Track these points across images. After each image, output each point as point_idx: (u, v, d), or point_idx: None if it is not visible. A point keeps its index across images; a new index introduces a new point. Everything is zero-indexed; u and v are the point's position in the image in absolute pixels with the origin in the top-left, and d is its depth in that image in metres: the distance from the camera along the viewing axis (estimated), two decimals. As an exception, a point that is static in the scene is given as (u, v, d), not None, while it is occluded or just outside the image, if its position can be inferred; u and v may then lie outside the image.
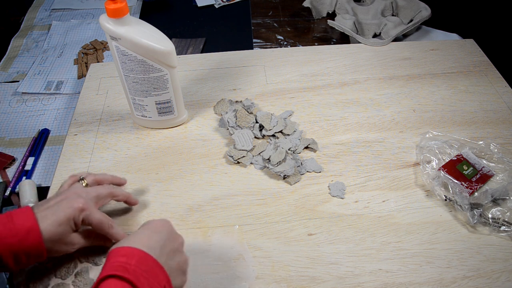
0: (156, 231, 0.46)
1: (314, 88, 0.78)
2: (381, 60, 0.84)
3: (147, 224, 0.47)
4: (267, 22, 1.01)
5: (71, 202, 0.48)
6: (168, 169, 0.65)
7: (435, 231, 0.57)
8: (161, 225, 0.47)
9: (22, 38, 0.96)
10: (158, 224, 0.47)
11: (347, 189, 0.62)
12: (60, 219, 0.46)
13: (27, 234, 0.44)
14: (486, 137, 0.68)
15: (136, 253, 0.42)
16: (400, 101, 0.75)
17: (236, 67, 0.83)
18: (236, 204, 0.60)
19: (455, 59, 0.84)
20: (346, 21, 0.89)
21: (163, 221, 0.48)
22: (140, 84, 0.63)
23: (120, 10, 0.56)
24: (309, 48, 0.88)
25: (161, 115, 0.68)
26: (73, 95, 0.81)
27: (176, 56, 0.61)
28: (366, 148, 0.67)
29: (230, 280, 0.52)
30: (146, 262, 0.42)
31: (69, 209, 0.47)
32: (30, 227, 0.44)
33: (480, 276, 0.52)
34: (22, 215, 0.45)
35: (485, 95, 0.76)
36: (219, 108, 0.74)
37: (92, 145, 0.68)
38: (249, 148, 0.66)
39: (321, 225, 0.57)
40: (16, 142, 0.73)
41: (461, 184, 0.60)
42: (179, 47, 0.92)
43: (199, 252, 0.54)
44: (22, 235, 0.43)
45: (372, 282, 0.51)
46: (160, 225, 0.47)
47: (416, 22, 0.90)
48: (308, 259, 0.54)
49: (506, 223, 0.56)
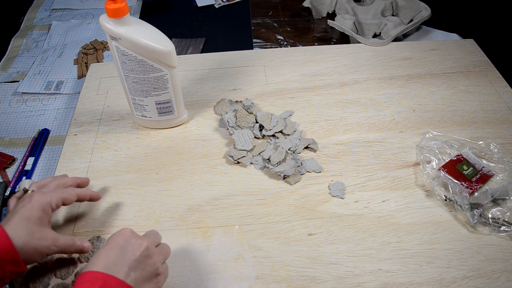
0: (114, 245, 0.44)
1: (314, 88, 0.78)
2: (381, 60, 0.84)
3: (107, 241, 0.45)
4: (267, 22, 1.01)
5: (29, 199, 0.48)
6: (168, 169, 0.65)
7: (435, 231, 0.57)
8: (119, 237, 0.45)
9: (22, 38, 0.96)
10: (116, 238, 0.45)
11: (347, 189, 0.62)
12: (24, 215, 0.46)
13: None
14: (486, 137, 0.68)
15: (100, 277, 0.41)
16: (400, 101, 0.75)
17: (236, 67, 0.83)
18: (236, 204, 0.60)
19: (455, 59, 0.84)
20: (346, 21, 0.89)
21: (121, 233, 0.46)
22: (140, 84, 0.63)
23: (120, 10, 0.56)
24: (309, 48, 0.88)
25: (161, 115, 0.68)
26: (73, 95, 0.81)
27: (176, 56, 0.61)
28: (366, 148, 0.67)
29: (230, 280, 0.52)
30: (110, 284, 0.41)
31: (29, 204, 0.47)
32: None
33: (480, 276, 0.52)
34: None
35: (485, 95, 0.76)
36: (219, 108, 0.74)
37: (92, 145, 0.68)
38: (249, 148, 0.66)
39: (321, 225, 0.57)
40: (16, 142, 0.73)
41: (461, 184, 0.60)
42: (179, 47, 0.92)
43: (199, 252, 0.54)
44: None
45: (372, 282, 0.51)
46: (118, 238, 0.45)
47: (416, 22, 0.90)
48: (308, 259, 0.54)
49: (506, 223, 0.56)
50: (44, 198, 0.49)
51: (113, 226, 0.57)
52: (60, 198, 0.51)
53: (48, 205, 0.49)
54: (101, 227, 0.57)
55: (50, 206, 0.49)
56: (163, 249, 0.49)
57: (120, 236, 0.45)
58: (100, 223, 0.57)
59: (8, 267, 0.43)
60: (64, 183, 0.55)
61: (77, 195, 0.53)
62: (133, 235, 0.46)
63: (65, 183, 0.55)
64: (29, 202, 0.48)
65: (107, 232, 0.56)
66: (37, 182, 0.55)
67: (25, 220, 0.46)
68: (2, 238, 0.43)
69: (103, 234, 0.56)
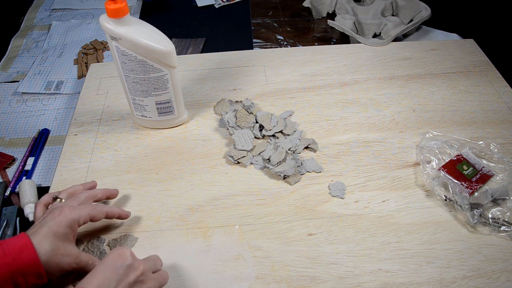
0: (111, 265, 0.44)
1: (314, 88, 0.78)
2: (381, 60, 0.84)
3: (104, 259, 0.45)
4: (267, 22, 1.01)
5: (59, 211, 0.48)
6: (168, 169, 0.65)
7: (435, 231, 0.57)
8: (117, 257, 0.45)
9: (22, 38, 0.96)
10: (113, 257, 0.45)
11: (347, 189, 0.62)
12: (52, 229, 0.46)
13: (21, 251, 0.43)
14: (486, 137, 0.68)
15: None
16: (400, 101, 0.75)
17: (236, 67, 0.83)
18: (236, 204, 0.60)
19: (455, 59, 0.84)
20: (346, 21, 0.89)
21: (119, 252, 0.45)
22: (140, 84, 0.63)
23: (120, 10, 0.56)
24: (309, 48, 0.88)
25: (161, 115, 0.68)
26: (73, 95, 0.81)
27: (176, 56, 0.61)
28: (366, 148, 0.67)
29: (230, 280, 0.52)
30: None
31: (58, 217, 0.47)
32: (23, 244, 0.44)
33: (480, 276, 0.52)
34: (15, 237, 0.45)
35: (485, 95, 0.76)
36: (219, 108, 0.74)
37: (92, 145, 0.68)
38: (249, 148, 0.66)
39: (321, 225, 0.57)
40: (16, 142, 0.73)
41: (461, 184, 0.60)
42: (179, 47, 0.92)
43: (199, 252, 0.54)
44: (16, 253, 0.43)
45: (372, 282, 0.51)
46: (115, 258, 0.45)
47: (416, 22, 0.90)
48: (308, 259, 0.54)
49: (506, 223, 0.56)
50: (73, 215, 0.49)
51: (113, 226, 0.57)
52: (88, 216, 0.51)
53: (76, 222, 0.49)
54: (101, 227, 0.57)
55: (77, 223, 0.49)
56: (160, 276, 0.48)
57: (118, 256, 0.45)
58: (100, 223, 0.57)
59: (31, 279, 0.44)
60: (94, 196, 0.55)
61: (105, 213, 0.53)
62: (131, 257, 0.46)
63: (95, 195, 0.55)
64: (59, 215, 0.48)
65: (107, 232, 0.56)
66: (68, 189, 0.54)
67: (52, 235, 0.46)
68: (29, 252, 0.44)
69: (103, 234, 0.56)
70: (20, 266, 0.43)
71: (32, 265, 0.43)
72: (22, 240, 0.44)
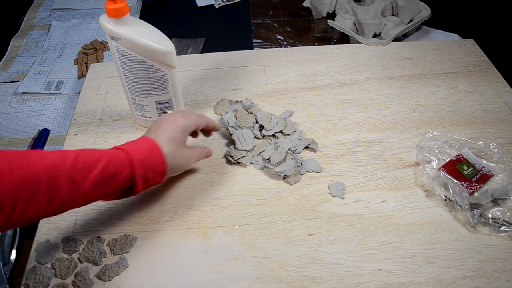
0: None
1: (314, 88, 0.78)
2: (381, 60, 0.84)
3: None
4: (267, 22, 1.01)
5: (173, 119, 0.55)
6: (168, 169, 0.64)
7: (435, 231, 0.57)
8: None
9: (22, 38, 0.96)
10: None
11: (347, 189, 0.62)
12: (170, 135, 0.53)
13: (151, 150, 0.51)
14: (486, 137, 0.68)
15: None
16: (400, 101, 0.75)
17: (236, 67, 0.83)
18: (236, 204, 0.60)
19: (455, 59, 0.84)
20: (346, 21, 0.89)
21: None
22: (140, 84, 0.63)
23: (120, 10, 0.56)
24: (309, 48, 0.88)
25: (161, 115, 0.68)
26: (73, 95, 0.81)
27: (176, 56, 0.61)
28: (366, 148, 0.67)
29: (230, 280, 0.52)
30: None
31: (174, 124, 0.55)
32: (152, 145, 0.51)
33: (480, 276, 0.52)
34: (141, 139, 0.52)
35: (485, 95, 0.76)
36: (219, 108, 0.74)
37: (92, 145, 0.68)
38: (249, 148, 0.66)
39: (321, 225, 0.57)
40: (16, 142, 0.73)
41: (461, 184, 0.60)
42: (179, 47, 0.92)
43: (199, 252, 0.54)
44: (148, 151, 0.50)
45: (372, 282, 0.51)
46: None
47: (416, 22, 0.90)
48: (308, 259, 0.54)
49: (506, 223, 0.56)
50: (185, 122, 0.56)
51: (113, 226, 0.57)
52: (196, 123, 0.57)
53: (188, 128, 0.56)
54: (101, 227, 0.57)
55: (189, 128, 0.56)
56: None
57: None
58: (100, 223, 0.57)
59: (156, 177, 0.52)
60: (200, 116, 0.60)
61: (207, 123, 0.60)
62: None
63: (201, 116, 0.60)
64: (174, 122, 0.55)
65: (107, 232, 0.56)
66: None
67: (170, 139, 0.53)
68: (159, 153, 0.51)
69: (103, 234, 0.56)
70: (152, 162, 0.50)
71: (160, 163, 0.51)
72: (150, 142, 0.51)
